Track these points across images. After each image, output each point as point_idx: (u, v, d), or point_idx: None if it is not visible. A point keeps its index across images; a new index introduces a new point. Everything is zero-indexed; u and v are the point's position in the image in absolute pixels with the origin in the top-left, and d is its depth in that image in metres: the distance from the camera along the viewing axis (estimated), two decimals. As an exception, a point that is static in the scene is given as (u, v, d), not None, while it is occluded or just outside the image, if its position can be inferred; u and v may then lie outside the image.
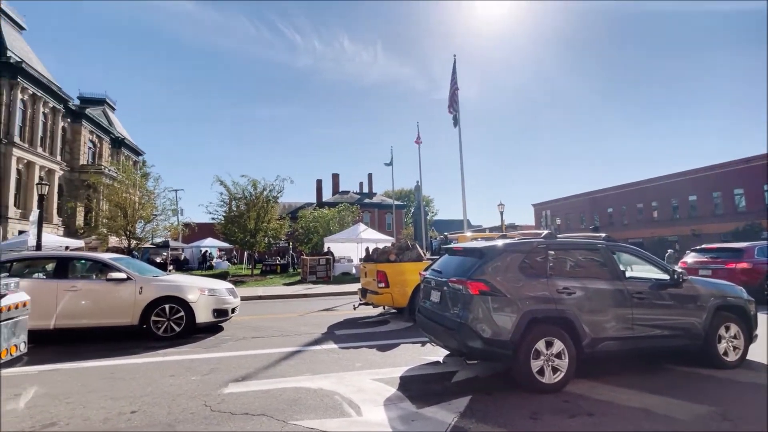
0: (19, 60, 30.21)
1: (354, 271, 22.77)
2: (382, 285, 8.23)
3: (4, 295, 4.63)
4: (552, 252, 4.73)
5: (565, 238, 5.35)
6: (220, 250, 36.97)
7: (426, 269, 5.76)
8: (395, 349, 6.10)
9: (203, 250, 33.65)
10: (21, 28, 34.98)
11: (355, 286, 16.20)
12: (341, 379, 4.67)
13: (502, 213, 27.72)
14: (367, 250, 10.56)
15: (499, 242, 4.89)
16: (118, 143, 45.99)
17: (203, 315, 7.13)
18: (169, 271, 22.23)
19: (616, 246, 5.12)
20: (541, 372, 4.19)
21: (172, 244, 31.56)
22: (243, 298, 9.99)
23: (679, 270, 5.12)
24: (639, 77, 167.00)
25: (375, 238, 24.27)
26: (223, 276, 19.44)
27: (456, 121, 18.10)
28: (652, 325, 4.69)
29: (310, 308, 10.77)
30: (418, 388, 4.39)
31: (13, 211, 29.34)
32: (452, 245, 5.84)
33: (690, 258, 12.05)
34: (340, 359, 5.57)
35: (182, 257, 32.70)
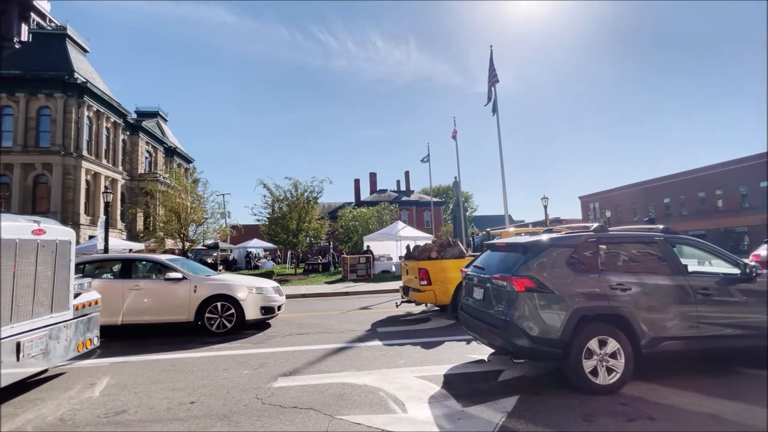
0: (84, 80, 33.18)
1: (393, 269, 22.85)
2: (425, 282, 8.20)
3: (79, 294, 5.12)
4: (603, 246, 4.48)
5: (617, 231, 5.04)
6: (265, 250, 38.49)
7: (467, 266, 5.66)
8: (438, 347, 6.05)
9: (249, 250, 35.23)
10: (85, 51, 38.39)
11: (395, 284, 16.26)
12: (385, 375, 4.70)
13: (545, 207, 26.62)
14: (408, 247, 10.53)
15: (545, 237, 4.70)
16: (170, 152, 49.25)
17: (252, 312, 7.46)
18: (219, 270, 23.51)
19: (676, 238, 4.75)
20: (594, 372, 3.98)
21: (221, 245, 33.30)
22: (287, 296, 10.34)
23: (752, 263, 4.65)
24: (693, 61, 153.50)
25: (414, 236, 24.20)
26: (268, 275, 20.24)
27: (495, 110, 17.60)
28: (720, 323, 4.30)
29: (351, 306, 10.95)
30: (462, 386, 4.32)
31: (84, 218, 32.33)
32: (494, 241, 5.69)
33: (764, 250, 10.92)
34: (383, 356, 5.61)
35: (231, 257, 34.41)
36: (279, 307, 8.06)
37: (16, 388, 4.30)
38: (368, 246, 23.63)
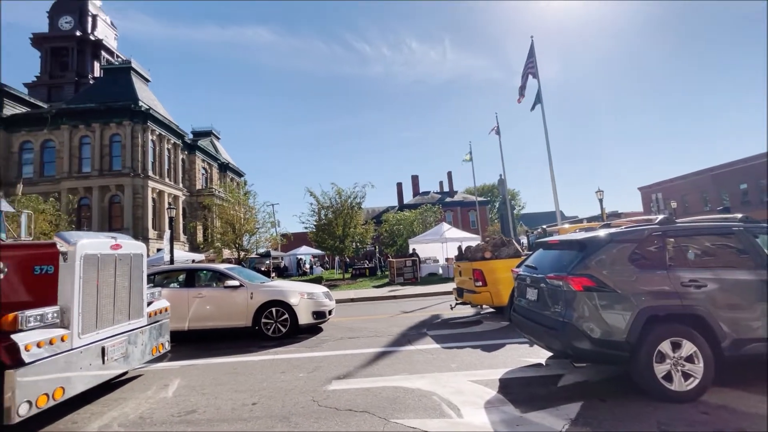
0: (147, 107, 36.40)
1: (440, 271, 22.57)
2: (480, 284, 8.01)
3: (151, 302, 5.58)
4: (671, 239, 4.11)
5: (686, 222, 4.61)
6: (314, 256, 39.66)
7: (518, 266, 5.45)
8: (492, 350, 5.87)
9: (299, 257, 36.50)
10: (147, 80, 42.12)
11: (442, 287, 16.05)
12: (438, 379, 4.64)
13: (601, 200, 25.00)
14: (459, 248, 10.34)
15: (603, 232, 4.41)
16: (223, 167, 52.48)
17: (304, 317, 7.71)
18: (272, 277, 24.57)
19: (758, 228, 4.25)
20: (668, 378, 3.66)
21: (273, 253, 34.80)
22: (337, 301, 10.56)
23: None
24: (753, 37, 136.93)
25: (460, 237, 23.76)
26: (317, 281, 20.83)
27: (538, 101, 16.82)
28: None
29: (400, 309, 10.95)
30: (520, 391, 4.16)
31: (151, 233, 35.31)
32: (547, 238, 5.43)
33: None
34: (434, 360, 5.55)
35: (282, 265, 35.85)
36: (330, 312, 8.26)
37: (102, 388, 4.77)
38: (414, 249, 23.55)
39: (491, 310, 9.27)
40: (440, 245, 23.73)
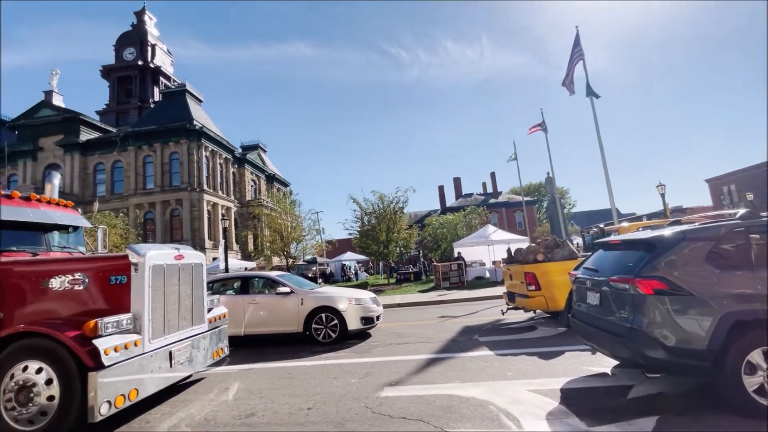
0: (201, 126, 39.02)
1: (488, 274, 21.92)
2: (533, 288, 7.64)
3: (211, 309, 5.89)
4: (756, 236, 3.67)
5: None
6: (358, 262, 40.18)
7: (576, 268, 5.13)
8: (550, 358, 5.56)
9: (344, 263, 37.13)
10: (200, 100, 45.19)
11: (490, 291, 15.55)
12: (493, 388, 4.46)
13: (663, 195, 23.10)
14: (508, 251, 9.97)
15: (672, 230, 4.03)
16: (270, 179, 54.87)
17: (353, 323, 7.79)
18: (319, 283, 25.18)
19: None
20: (761, 392, 3.24)
21: (319, 259, 35.69)
22: (384, 307, 10.57)
23: None
24: None
25: (507, 239, 22.95)
26: (363, 286, 21.03)
27: (590, 92, 15.87)
28: None
29: (447, 314, 10.74)
30: (584, 402, 3.88)
31: (207, 243, 37.62)
32: (608, 238, 5.07)
33: None
34: (488, 367, 5.35)
35: (328, 271, 36.65)
36: (378, 317, 8.28)
37: (170, 390, 5.08)
38: (459, 252, 23.10)
39: (546, 315, 8.82)
40: (486, 248, 23.08)
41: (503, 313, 9.11)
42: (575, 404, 3.84)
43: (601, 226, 13.58)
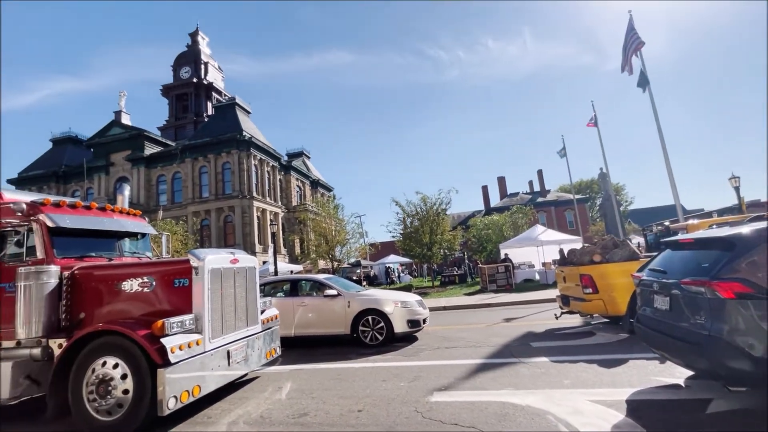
0: (249, 136, 41.12)
1: (537, 277, 21.00)
2: (590, 291, 7.18)
3: (264, 311, 6.13)
4: None
5: None
6: (401, 264, 40.17)
7: (640, 270, 4.75)
8: (612, 366, 5.18)
9: (387, 265, 37.27)
10: (248, 112, 47.64)
11: (540, 294, 14.86)
12: (550, 396, 4.23)
13: (737, 188, 20.86)
14: (561, 251, 9.49)
15: (752, 227, 3.60)
16: (314, 184, 56.54)
17: (399, 325, 7.76)
18: (363, 286, 25.45)
19: None
20: None
21: (363, 262, 36.12)
22: (429, 309, 10.45)
23: None
24: None
25: (557, 239, 21.87)
26: (407, 289, 20.97)
27: (645, 81, 14.75)
28: None
29: (496, 318, 10.40)
30: (655, 416, 3.56)
31: (258, 247, 39.46)
32: (676, 237, 4.65)
33: None
34: (543, 374, 5.09)
35: (372, 274, 36.97)
36: (424, 320, 8.20)
37: (228, 388, 5.34)
38: (506, 254, 22.34)
39: (604, 320, 8.27)
40: (535, 249, 22.14)
41: (557, 318, 8.66)
42: (644, 418, 3.54)
43: (667, 223, 12.47)
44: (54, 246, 4.94)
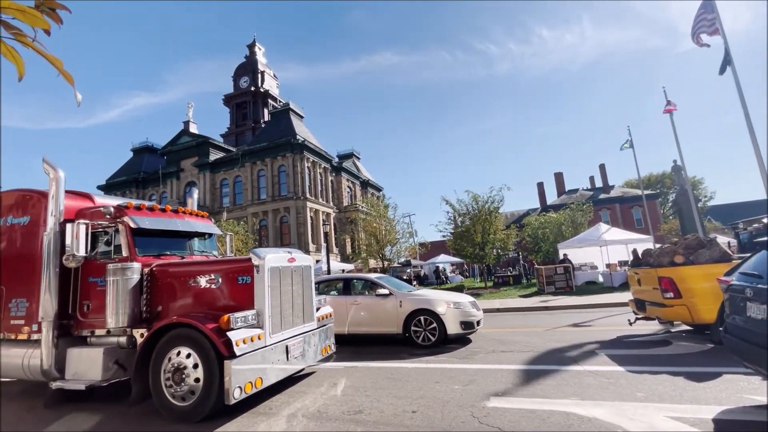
0: (302, 140, 42.77)
1: (600, 279, 19.59)
2: (671, 295, 6.50)
3: (319, 308, 6.32)
4: None
5: None
6: (452, 264, 39.51)
7: (729, 273, 4.23)
8: (695, 380, 4.67)
9: (438, 265, 36.85)
10: (301, 116, 49.57)
11: (604, 297, 13.84)
12: (621, 410, 3.90)
13: None
14: (634, 252, 8.76)
15: None
16: (364, 184, 57.44)
17: (452, 326, 7.61)
18: (414, 286, 25.35)
19: None
20: None
21: (413, 262, 36.03)
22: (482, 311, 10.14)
23: None
24: None
25: (624, 239, 20.25)
26: (458, 289, 20.54)
27: (727, 63, 13.06)
28: None
29: (555, 322, 9.84)
30: (750, 440, 3.14)
31: (311, 246, 40.91)
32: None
33: None
34: (611, 385, 4.72)
35: (422, 273, 36.76)
36: (478, 322, 7.98)
37: (286, 381, 5.58)
38: (565, 254, 21.09)
39: (686, 327, 7.49)
40: (598, 249, 20.66)
41: (631, 324, 7.91)
42: (737, 440, 3.14)
43: (766, 221, 10.94)
44: (136, 245, 5.48)
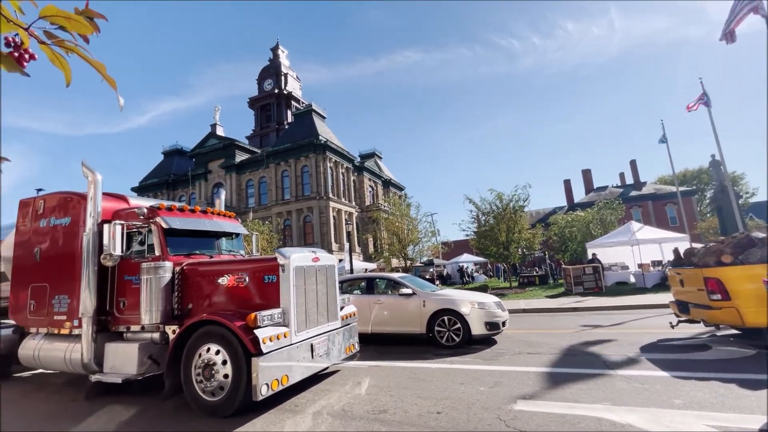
0: (325, 140, 43.22)
1: (632, 279, 18.85)
2: (718, 297, 6.12)
3: (343, 307, 6.37)
4: None
5: None
6: (475, 264, 38.97)
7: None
8: (736, 387, 4.42)
9: (461, 265, 36.44)
10: (323, 117, 50.12)
11: (636, 299, 13.31)
12: (656, 417, 3.73)
13: None
14: (675, 251, 8.36)
15: None
16: (386, 184, 57.47)
17: (477, 327, 7.50)
18: (437, 285, 25.15)
19: None
20: None
21: (436, 261, 35.77)
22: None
23: None
24: None
25: (657, 237, 19.40)
26: (482, 289, 20.24)
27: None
28: None
29: (584, 324, 9.53)
30: (802, 453, 2.94)
31: (334, 246, 41.32)
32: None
33: None
34: (645, 390, 4.52)
35: (445, 273, 36.45)
36: (503, 323, 7.83)
37: (311, 379, 5.64)
38: (594, 254, 20.41)
39: (734, 331, 7.09)
40: (629, 248, 19.86)
41: (673, 327, 7.49)
42: (787, 453, 2.94)
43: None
44: (167, 244, 5.68)
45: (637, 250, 19.33)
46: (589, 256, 20.58)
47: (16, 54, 1.09)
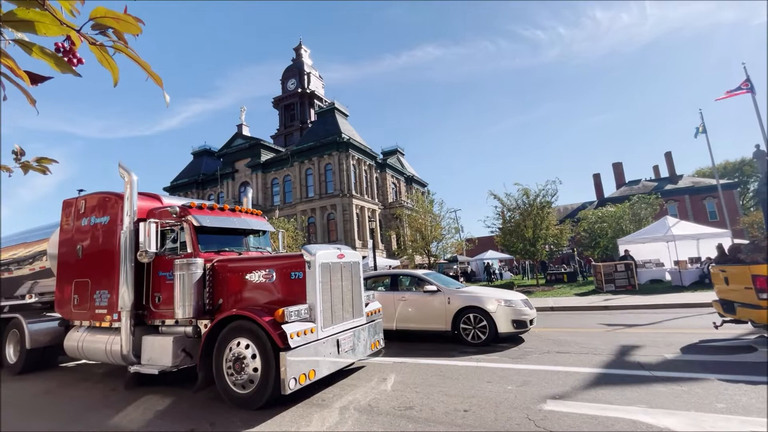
0: (347, 138, 43.48)
1: (668, 277, 18.00)
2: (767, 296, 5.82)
3: (368, 304, 6.40)
4: None
5: None
6: (500, 261, 38.30)
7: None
8: (785, 392, 4.14)
9: (486, 261, 35.89)
10: (346, 115, 50.41)
11: (672, 297, 12.72)
12: (697, 421, 3.55)
13: None
14: (719, 247, 7.95)
15: None
16: (409, 180, 57.28)
17: (504, 325, 7.37)
18: (461, 282, 24.87)
19: None
20: None
21: (459, 258, 35.39)
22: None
23: None
24: None
25: (695, 233, 18.44)
26: (508, 286, 19.88)
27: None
28: None
29: (616, 323, 9.19)
30: None
31: (357, 242, 41.61)
32: None
33: None
34: (684, 393, 4.31)
35: (469, 270, 36.01)
36: (531, 321, 7.66)
37: (337, 375, 5.71)
38: (626, 250, 19.62)
39: (770, 333, 6.67)
40: (665, 245, 18.99)
41: (717, 327, 7.09)
42: None
43: None
44: (199, 242, 5.88)
45: (672, 246, 18.44)
46: (621, 253, 19.80)
47: (65, 59, 1.14)
